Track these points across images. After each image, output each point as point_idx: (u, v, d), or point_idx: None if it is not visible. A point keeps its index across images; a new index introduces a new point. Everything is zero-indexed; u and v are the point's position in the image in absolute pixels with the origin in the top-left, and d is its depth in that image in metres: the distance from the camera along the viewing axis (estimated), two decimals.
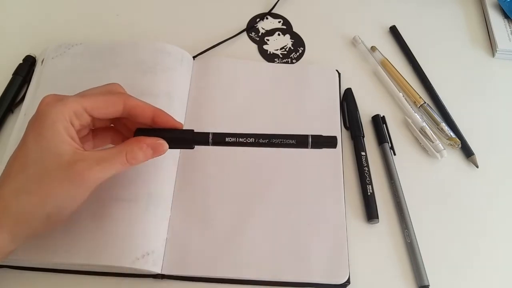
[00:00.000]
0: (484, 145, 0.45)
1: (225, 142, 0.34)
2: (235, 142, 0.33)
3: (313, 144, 0.34)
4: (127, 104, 0.32)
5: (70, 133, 0.30)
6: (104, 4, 0.53)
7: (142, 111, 0.33)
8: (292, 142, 0.34)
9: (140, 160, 0.32)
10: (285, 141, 0.33)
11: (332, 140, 0.34)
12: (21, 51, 0.48)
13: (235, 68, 0.47)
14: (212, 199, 0.39)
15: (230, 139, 0.33)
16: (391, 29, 0.54)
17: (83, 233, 0.35)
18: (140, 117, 0.33)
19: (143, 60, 0.44)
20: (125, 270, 0.36)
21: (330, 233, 0.39)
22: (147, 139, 0.32)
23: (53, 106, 0.30)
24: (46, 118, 0.29)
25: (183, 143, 0.35)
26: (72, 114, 0.30)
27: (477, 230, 0.41)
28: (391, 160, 0.43)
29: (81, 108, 0.30)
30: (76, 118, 0.30)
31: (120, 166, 0.31)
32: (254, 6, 0.55)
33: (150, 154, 0.32)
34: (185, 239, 0.37)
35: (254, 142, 0.33)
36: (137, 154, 0.31)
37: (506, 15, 0.54)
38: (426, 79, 0.49)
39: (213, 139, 0.34)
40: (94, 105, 0.31)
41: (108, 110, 0.32)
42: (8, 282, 0.36)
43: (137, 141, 0.32)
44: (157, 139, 0.33)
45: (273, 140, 0.33)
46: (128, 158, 0.31)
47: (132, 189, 0.37)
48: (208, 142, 0.34)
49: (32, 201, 0.29)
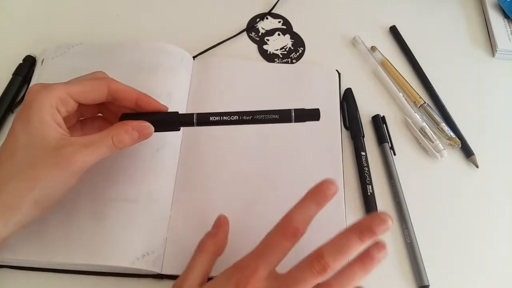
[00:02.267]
0: (484, 145, 0.45)
1: (209, 121, 0.34)
2: (220, 120, 0.34)
3: (297, 118, 0.34)
4: (111, 87, 0.33)
5: (56, 120, 0.31)
6: (104, 4, 0.53)
7: (126, 94, 0.34)
8: (276, 117, 0.34)
9: (127, 143, 0.32)
10: (268, 117, 0.34)
11: (315, 113, 0.34)
12: (21, 51, 0.48)
13: (235, 68, 0.47)
14: (212, 199, 0.39)
15: (214, 118, 0.34)
16: (391, 29, 0.54)
17: (83, 233, 0.35)
18: (124, 100, 0.34)
19: (143, 60, 0.44)
20: (125, 270, 0.36)
21: (330, 233, 0.39)
22: (132, 122, 0.33)
23: (39, 94, 0.30)
24: (32, 106, 0.30)
25: (168, 125, 0.35)
26: (58, 100, 0.31)
27: (477, 230, 0.41)
28: (391, 160, 0.43)
29: (66, 94, 0.31)
30: (62, 105, 0.31)
31: (107, 149, 0.31)
32: (254, 6, 0.55)
33: (136, 137, 0.33)
34: (185, 239, 0.37)
35: (238, 119, 0.34)
36: (123, 137, 0.32)
37: (506, 15, 0.54)
38: (426, 79, 0.49)
39: (198, 119, 0.34)
40: (79, 90, 0.32)
41: (93, 95, 0.33)
42: (8, 282, 0.36)
43: (123, 124, 0.32)
44: (142, 122, 0.33)
45: (256, 116, 0.34)
46: (115, 141, 0.31)
47: (132, 189, 0.37)
48: (193, 123, 0.34)
49: (20, 186, 0.29)
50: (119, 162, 0.38)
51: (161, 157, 0.39)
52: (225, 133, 0.43)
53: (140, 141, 0.33)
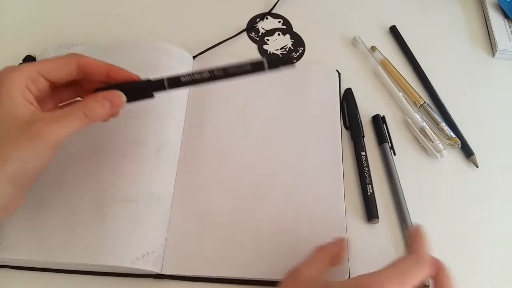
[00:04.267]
0: (484, 145, 0.45)
1: (181, 82, 0.34)
2: (191, 80, 0.33)
3: (270, 66, 0.32)
4: (80, 62, 0.33)
5: (27, 98, 0.30)
6: (104, 4, 0.53)
7: (95, 67, 0.33)
8: (249, 68, 0.33)
9: (99, 113, 0.32)
10: (241, 69, 0.33)
11: (288, 59, 0.33)
12: (21, 51, 0.48)
13: None
14: (212, 199, 0.40)
15: (185, 78, 0.33)
16: (391, 29, 0.54)
17: (83, 233, 0.35)
18: (95, 74, 0.33)
19: (143, 60, 0.44)
20: (125, 270, 0.36)
21: (330, 232, 0.39)
22: (103, 92, 0.33)
23: (8, 75, 0.30)
24: (2, 87, 0.30)
25: (141, 93, 0.35)
26: (28, 79, 0.31)
27: (477, 230, 0.41)
28: (391, 160, 0.43)
29: (35, 73, 0.31)
30: (33, 83, 0.31)
31: (79, 121, 0.31)
32: (254, 6, 0.55)
33: (108, 107, 0.32)
34: (185, 239, 0.37)
35: (210, 76, 0.33)
36: (94, 107, 0.32)
37: (506, 15, 0.54)
38: (426, 79, 0.49)
39: (169, 82, 0.34)
40: (48, 68, 0.32)
41: (62, 71, 0.32)
42: (8, 282, 0.36)
43: (93, 95, 0.32)
44: (112, 91, 0.33)
45: (228, 70, 0.33)
46: (86, 112, 0.31)
47: (132, 189, 0.37)
48: (165, 87, 0.34)
49: None
50: (119, 162, 0.38)
51: (161, 157, 0.39)
52: (225, 133, 0.43)
53: (115, 112, 0.33)
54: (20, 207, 0.33)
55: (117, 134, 0.40)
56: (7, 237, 0.35)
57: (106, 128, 0.40)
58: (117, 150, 0.39)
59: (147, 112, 0.41)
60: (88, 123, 0.32)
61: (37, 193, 0.37)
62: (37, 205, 0.36)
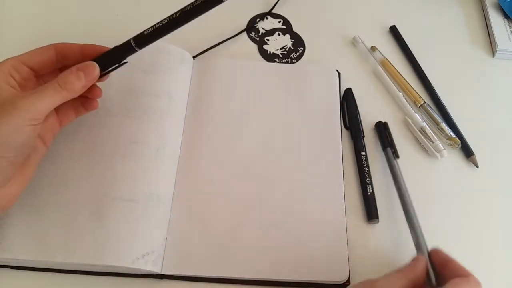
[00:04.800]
0: (484, 145, 0.45)
1: (146, 36, 0.34)
2: (154, 30, 0.34)
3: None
4: (57, 48, 0.35)
5: (10, 83, 0.32)
6: (104, 4, 0.53)
7: (70, 48, 0.36)
8: (203, 3, 0.33)
9: (74, 84, 0.33)
10: (196, 4, 0.33)
11: None
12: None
13: (235, 68, 0.47)
14: (212, 199, 0.39)
15: (148, 31, 0.34)
16: (391, 29, 0.54)
17: (83, 233, 0.35)
18: (71, 54, 0.36)
19: (143, 60, 0.44)
20: (125, 270, 0.36)
21: (330, 232, 0.39)
22: (77, 65, 0.34)
23: None
24: None
25: (112, 59, 0.36)
26: (11, 67, 0.33)
27: (477, 230, 0.41)
28: (395, 164, 0.42)
29: (17, 61, 0.33)
30: (16, 71, 0.33)
31: (54, 92, 0.32)
32: (254, 6, 0.55)
33: (83, 77, 0.34)
34: (185, 239, 0.37)
35: (170, 20, 0.34)
36: (69, 77, 0.33)
37: (506, 15, 0.54)
38: (426, 79, 0.49)
39: (135, 41, 0.35)
40: (29, 55, 0.34)
41: (42, 57, 0.35)
42: (8, 282, 0.36)
43: (68, 68, 0.34)
44: (86, 62, 0.34)
45: (185, 9, 0.33)
46: (61, 83, 0.32)
47: (132, 189, 0.37)
48: (133, 47, 0.35)
49: None
50: (119, 162, 0.38)
51: (161, 157, 0.39)
52: (225, 133, 0.43)
53: (90, 83, 0.34)
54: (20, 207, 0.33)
55: (117, 134, 0.40)
56: (7, 237, 0.35)
57: (106, 128, 0.40)
58: (117, 150, 0.39)
59: (147, 112, 0.41)
60: (65, 95, 0.33)
61: (37, 193, 0.37)
62: (37, 205, 0.36)
